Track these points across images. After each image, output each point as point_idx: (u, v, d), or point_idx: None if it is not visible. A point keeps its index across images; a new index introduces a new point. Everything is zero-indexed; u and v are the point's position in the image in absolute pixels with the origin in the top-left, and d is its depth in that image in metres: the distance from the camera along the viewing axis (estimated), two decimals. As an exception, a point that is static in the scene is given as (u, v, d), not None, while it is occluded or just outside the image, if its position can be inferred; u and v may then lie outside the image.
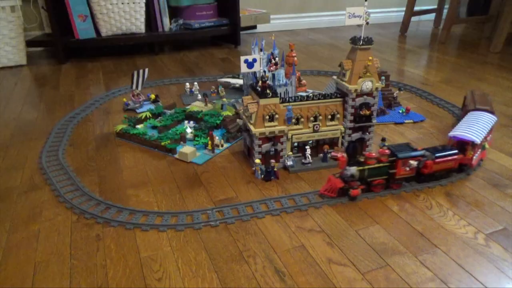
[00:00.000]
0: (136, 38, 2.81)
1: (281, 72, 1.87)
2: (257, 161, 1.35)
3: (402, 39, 3.59)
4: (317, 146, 1.46)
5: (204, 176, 1.38)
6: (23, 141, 1.64)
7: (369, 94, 1.39)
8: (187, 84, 2.17)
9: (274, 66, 1.86)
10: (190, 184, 1.33)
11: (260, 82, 1.34)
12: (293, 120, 1.38)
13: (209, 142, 1.51)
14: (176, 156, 1.50)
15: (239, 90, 2.16)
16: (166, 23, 2.90)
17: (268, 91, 1.33)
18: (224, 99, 1.95)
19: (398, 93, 1.95)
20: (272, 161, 1.34)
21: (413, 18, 3.74)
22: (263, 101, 1.32)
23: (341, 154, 1.43)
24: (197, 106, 1.89)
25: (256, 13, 3.25)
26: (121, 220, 1.14)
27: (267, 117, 1.32)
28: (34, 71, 2.58)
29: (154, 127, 1.72)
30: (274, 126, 1.34)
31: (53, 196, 1.26)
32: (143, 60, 2.83)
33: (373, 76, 1.36)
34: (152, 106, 1.96)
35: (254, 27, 3.38)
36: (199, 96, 2.06)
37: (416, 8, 3.67)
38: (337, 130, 1.44)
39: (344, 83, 1.39)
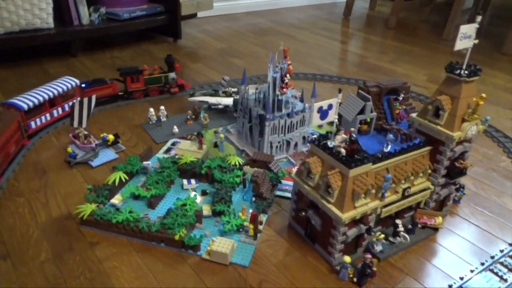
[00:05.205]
0: (42, 36, 1.98)
1: (294, 94, 1.40)
2: (347, 259, 0.91)
3: (346, 22, 3.34)
4: (396, 215, 1.07)
5: (267, 292, 0.89)
6: None
7: (469, 140, 1.04)
8: (151, 110, 1.53)
9: (286, 87, 1.38)
10: (257, 317, 0.83)
11: (348, 142, 0.87)
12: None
13: (251, 227, 1.00)
14: (205, 256, 0.96)
15: (223, 111, 1.62)
16: (84, 14, 2.11)
17: (357, 156, 0.88)
18: (221, 135, 1.39)
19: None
20: (369, 256, 0.91)
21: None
22: (353, 172, 0.87)
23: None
24: (187, 150, 1.31)
25: (195, -4, 2.61)
26: None
27: (362, 194, 0.88)
28: None
29: (136, 197, 1.13)
30: (366, 203, 0.91)
31: None
32: (58, 67, 2.03)
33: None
34: (113, 153, 1.32)
35: (194, 15, 2.73)
36: (175, 128, 1.47)
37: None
38: (427, 189, 1.06)
39: (439, 127, 1.00)
